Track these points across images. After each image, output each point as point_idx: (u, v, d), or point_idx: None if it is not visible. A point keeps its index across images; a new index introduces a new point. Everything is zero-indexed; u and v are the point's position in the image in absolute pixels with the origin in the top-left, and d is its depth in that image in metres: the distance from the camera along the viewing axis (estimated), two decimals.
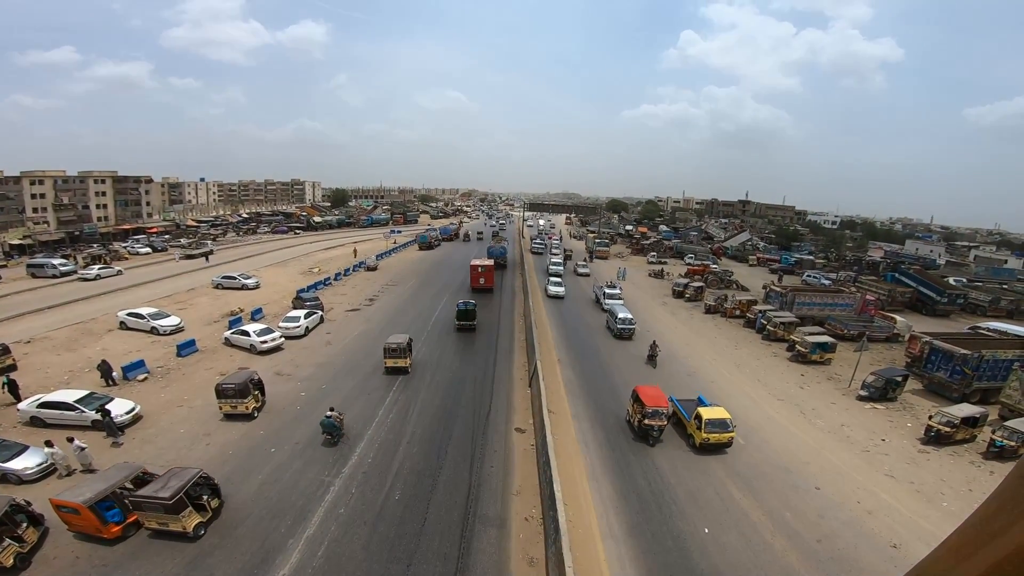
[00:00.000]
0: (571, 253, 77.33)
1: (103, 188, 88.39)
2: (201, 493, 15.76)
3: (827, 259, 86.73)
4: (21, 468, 17.80)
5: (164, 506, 14.58)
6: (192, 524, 15.05)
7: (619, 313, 37.82)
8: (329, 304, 41.92)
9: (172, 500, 14.55)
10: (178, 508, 14.70)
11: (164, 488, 14.90)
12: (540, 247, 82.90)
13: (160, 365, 28.63)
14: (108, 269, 54.82)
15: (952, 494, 19.61)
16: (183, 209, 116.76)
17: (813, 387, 30.22)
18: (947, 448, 23.30)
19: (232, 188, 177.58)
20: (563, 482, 16.69)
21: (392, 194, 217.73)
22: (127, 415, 21.81)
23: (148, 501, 14.70)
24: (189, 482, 15.27)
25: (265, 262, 63.98)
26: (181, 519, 14.81)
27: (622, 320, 37.14)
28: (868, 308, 44.41)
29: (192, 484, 15.38)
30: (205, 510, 15.59)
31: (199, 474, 15.90)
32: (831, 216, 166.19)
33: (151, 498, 14.65)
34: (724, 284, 58.52)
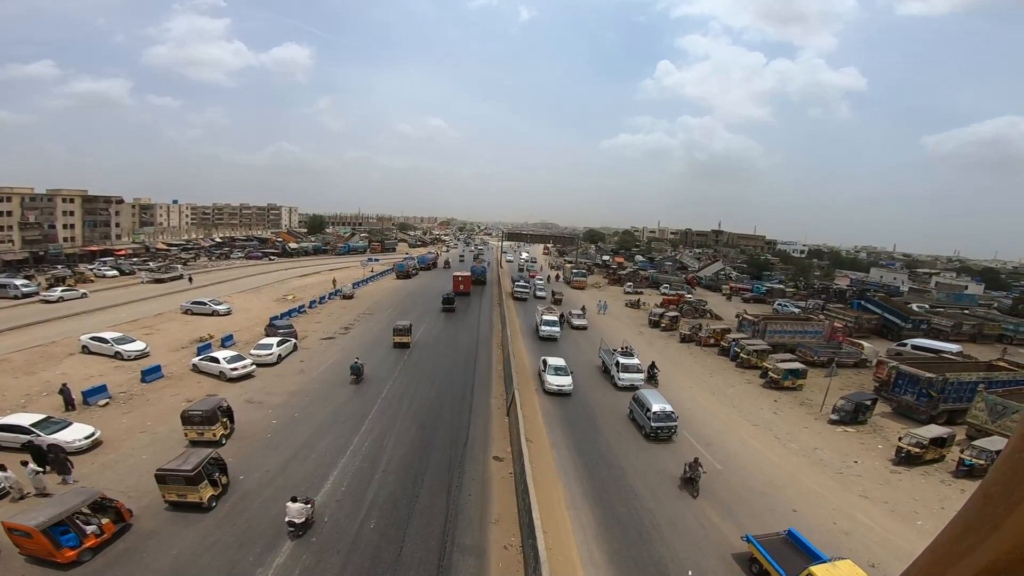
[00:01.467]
0: (561, 297, 64.30)
1: (71, 207, 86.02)
2: (213, 471, 17.83)
3: (796, 288, 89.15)
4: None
5: (186, 477, 16.57)
6: (207, 496, 17.17)
7: (652, 404, 25.02)
8: (303, 332, 41.12)
9: (193, 472, 16.60)
10: (197, 480, 16.77)
11: (185, 463, 16.94)
12: (523, 291, 65.36)
13: (123, 391, 27.59)
14: (72, 291, 53.10)
15: (925, 512, 20.01)
16: (153, 232, 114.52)
17: (786, 412, 30.69)
18: (918, 468, 23.91)
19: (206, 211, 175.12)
20: (542, 510, 16.46)
21: (370, 221, 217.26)
22: (86, 440, 20.97)
23: (171, 474, 16.69)
24: (205, 459, 17.43)
25: (238, 288, 62.75)
26: (199, 490, 16.89)
27: (657, 415, 24.51)
28: (837, 335, 45.62)
29: (207, 462, 17.44)
30: (217, 485, 17.80)
31: (212, 454, 18.17)
32: (799, 245, 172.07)
33: (175, 471, 16.66)
34: (699, 313, 59.47)
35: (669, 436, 24.77)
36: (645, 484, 20.66)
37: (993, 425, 26.38)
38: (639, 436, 25.32)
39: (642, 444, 24.56)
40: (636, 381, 31.79)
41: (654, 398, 25.87)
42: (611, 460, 22.58)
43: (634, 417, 26.86)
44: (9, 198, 76.38)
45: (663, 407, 24.99)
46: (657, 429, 24.47)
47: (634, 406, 27.11)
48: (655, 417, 24.55)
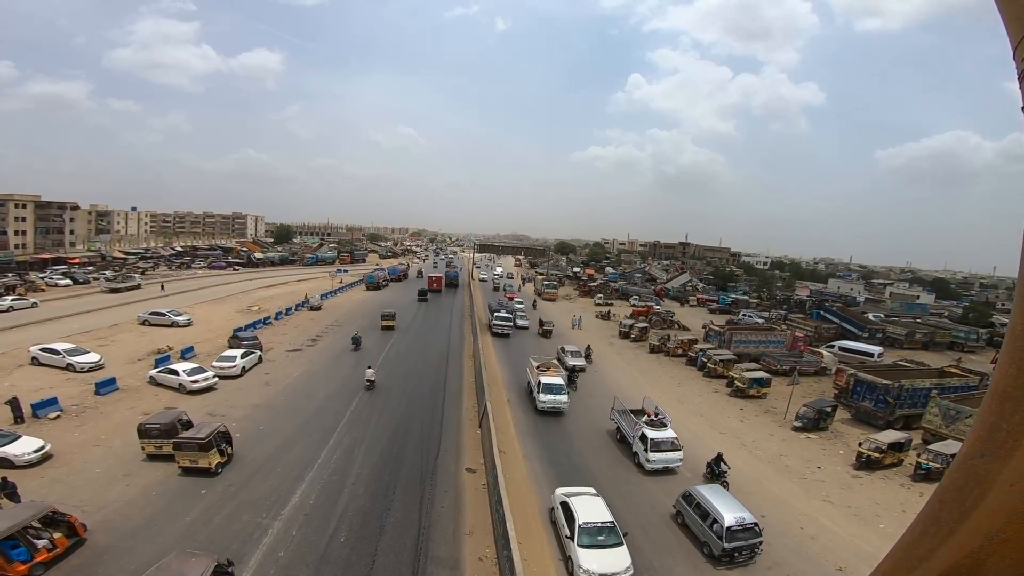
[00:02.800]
0: (551, 328, 51.45)
1: (23, 213, 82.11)
2: (221, 441, 20.41)
3: (760, 299, 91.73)
4: None
5: (199, 444, 19.23)
6: (215, 462, 19.75)
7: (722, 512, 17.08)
8: (269, 344, 39.99)
9: (206, 439, 19.42)
10: (207, 447, 19.41)
11: (199, 432, 19.88)
12: (505, 324, 49.62)
13: (76, 403, 26.32)
14: (22, 300, 50.54)
15: (887, 516, 20.67)
16: (110, 239, 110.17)
17: (752, 420, 31.43)
18: (878, 472, 24.78)
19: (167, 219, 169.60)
20: (516, 521, 16.33)
21: (340, 232, 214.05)
22: (35, 453, 19.99)
23: (186, 441, 19.45)
24: (216, 430, 20.26)
25: (200, 298, 60.69)
26: (208, 456, 19.38)
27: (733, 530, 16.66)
28: (798, 344, 47.08)
29: (217, 432, 20.17)
30: (223, 454, 20.43)
31: (221, 426, 21.15)
32: (763, 257, 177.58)
33: (189, 439, 19.46)
34: (667, 324, 60.44)
35: (751, 557, 16.93)
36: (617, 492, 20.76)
37: (947, 429, 27.51)
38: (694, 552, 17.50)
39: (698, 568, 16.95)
40: (672, 463, 22.84)
41: (722, 501, 17.69)
42: (584, 472, 22.63)
43: (685, 523, 18.54)
44: None
45: (740, 516, 16.99)
46: (734, 550, 16.47)
47: (686, 510, 18.53)
48: (730, 533, 16.48)
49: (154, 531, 16.08)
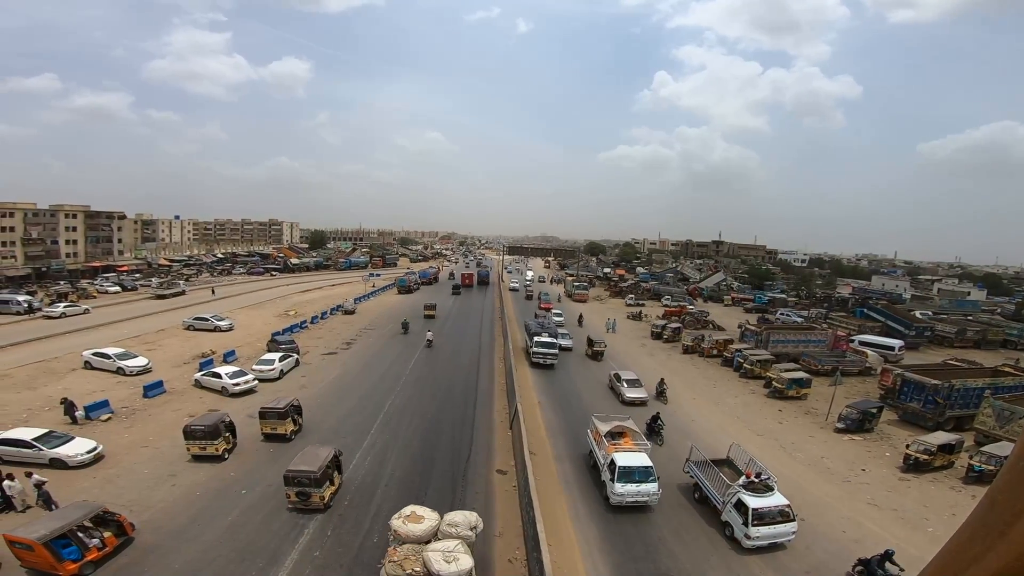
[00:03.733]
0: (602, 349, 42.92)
1: (74, 223, 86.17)
2: (294, 412, 24.49)
3: (799, 297, 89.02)
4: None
5: (278, 413, 23.54)
6: (289, 429, 23.93)
7: None
8: (305, 347, 41.01)
9: (284, 409, 23.71)
10: (284, 416, 23.63)
11: (278, 404, 24.02)
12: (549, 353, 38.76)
13: (125, 406, 27.54)
14: (75, 307, 53.39)
15: (936, 519, 19.82)
16: (156, 247, 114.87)
17: (791, 422, 30.52)
18: (927, 475, 23.76)
19: (208, 227, 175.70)
20: (546, 523, 16.25)
21: (372, 236, 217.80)
22: (88, 454, 20.93)
23: (269, 410, 23.71)
24: (290, 403, 24.32)
25: (240, 304, 62.82)
26: (285, 423, 23.68)
27: None
28: (840, 343, 45.48)
29: (291, 405, 24.24)
30: (296, 423, 24.61)
31: (295, 400, 25.14)
32: (800, 254, 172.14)
33: (271, 408, 23.75)
34: (701, 324, 59.22)
35: None
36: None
37: (1001, 430, 26.22)
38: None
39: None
40: (783, 538, 17.57)
41: None
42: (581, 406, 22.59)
43: None
44: (12, 213, 76.67)
45: None
46: None
47: None
48: None
49: (197, 531, 16.65)
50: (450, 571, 12.89)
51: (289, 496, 17.99)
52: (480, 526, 15.29)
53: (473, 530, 14.83)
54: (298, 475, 17.69)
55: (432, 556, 13.22)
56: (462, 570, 12.96)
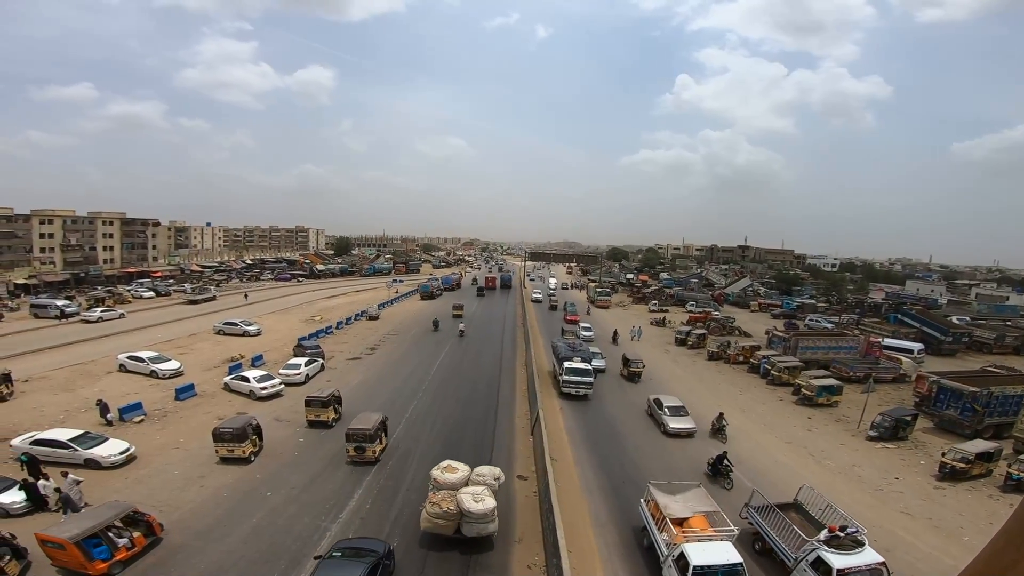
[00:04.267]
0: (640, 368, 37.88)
1: (110, 230, 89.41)
2: (335, 402, 27.35)
3: (829, 303, 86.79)
4: (9, 502, 17.64)
5: (322, 402, 26.42)
6: (330, 417, 26.61)
7: None
8: (330, 352, 41.63)
9: (327, 398, 26.66)
10: (327, 404, 26.71)
11: (322, 394, 26.95)
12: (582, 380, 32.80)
13: (158, 408, 28.32)
14: (111, 312, 55.18)
15: (972, 528, 19.19)
16: (188, 254, 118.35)
17: (821, 429, 29.80)
18: (964, 483, 23.05)
19: (237, 234, 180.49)
20: (566, 529, 16.09)
21: (395, 243, 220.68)
22: (121, 455, 21.55)
23: (314, 399, 26.51)
24: (332, 393, 27.30)
25: (268, 309, 64.14)
26: (327, 411, 26.49)
27: None
28: (873, 350, 44.20)
29: (333, 395, 27.24)
30: (337, 412, 27.32)
31: (336, 390, 28.07)
32: (830, 259, 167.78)
33: (316, 396, 26.60)
34: (726, 331, 58.29)
35: None
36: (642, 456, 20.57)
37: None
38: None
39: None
40: None
41: None
42: (637, 478, 22.08)
43: None
44: (51, 220, 79.95)
45: None
46: None
47: None
48: None
49: (223, 532, 16.98)
50: (478, 508, 15.99)
51: (348, 451, 22.14)
52: (502, 477, 18.45)
53: (496, 480, 17.99)
54: (356, 432, 21.98)
55: (464, 497, 16.37)
56: (487, 508, 16.15)
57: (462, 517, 16.13)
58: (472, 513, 15.93)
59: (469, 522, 16.13)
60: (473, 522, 16.11)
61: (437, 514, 16.18)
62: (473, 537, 16.31)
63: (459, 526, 16.30)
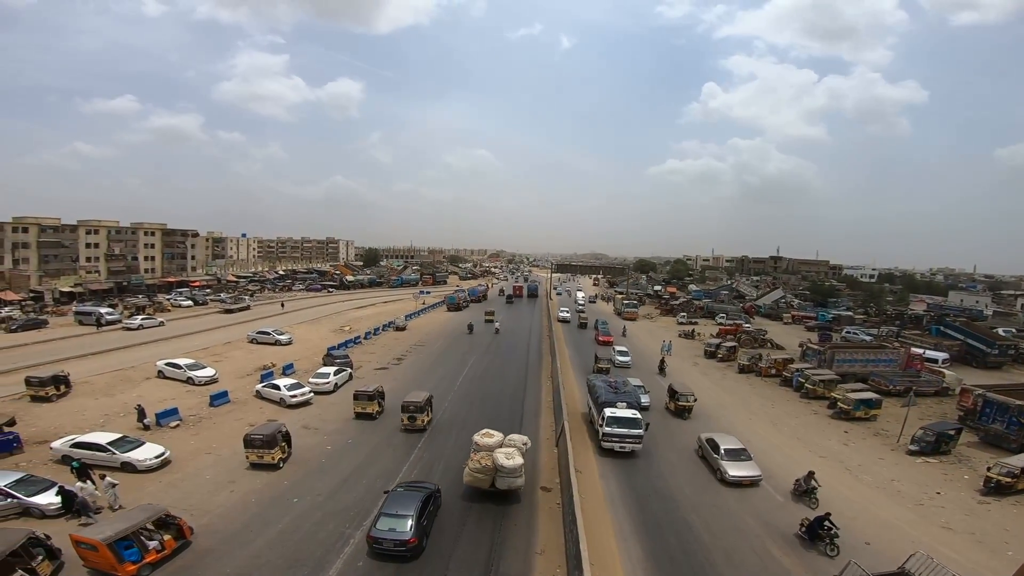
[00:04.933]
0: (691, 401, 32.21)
1: (152, 240, 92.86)
2: (379, 397, 29.93)
3: (867, 314, 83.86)
4: (45, 503, 18.23)
5: (368, 395, 29.26)
6: (374, 410, 29.34)
7: None
8: (358, 362, 42.19)
9: (372, 392, 29.43)
10: (373, 398, 29.36)
11: (368, 387, 30.04)
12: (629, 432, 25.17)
13: (193, 414, 29.15)
14: (151, 320, 57.22)
15: (1017, 543, 18.39)
16: (224, 264, 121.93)
17: (858, 443, 28.84)
18: (1010, 498, 22.09)
19: (271, 245, 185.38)
20: (590, 542, 15.83)
21: (422, 254, 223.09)
22: (156, 459, 22.19)
23: (361, 392, 29.45)
24: (376, 389, 30.03)
25: (299, 319, 65.51)
26: (372, 404, 29.27)
27: None
28: (914, 363, 42.54)
29: (377, 390, 29.95)
30: (380, 406, 29.89)
31: (379, 387, 30.71)
32: (868, 269, 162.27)
33: (363, 391, 29.54)
34: (758, 343, 56.98)
35: None
36: (699, 516, 19.66)
37: None
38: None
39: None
40: None
41: None
42: (664, 492, 21.62)
43: None
44: (97, 231, 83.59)
45: None
46: None
47: None
48: None
49: (250, 536, 17.26)
50: (509, 464, 19.66)
51: (403, 420, 27.59)
52: (529, 443, 22.18)
53: (524, 445, 21.60)
54: (410, 404, 27.62)
55: (498, 455, 20.02)
56: (516, 464, 19.80)
57: (496, 472, 19.79)
58: (504, 468, 19.60)
59: (502, 476, 19.79)
60: (505, 476, 19.78)
61: (477, 469, 20.05)
62: (504, 490, 19.90)
63: (494, 480, 19.90)
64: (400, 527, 16.21)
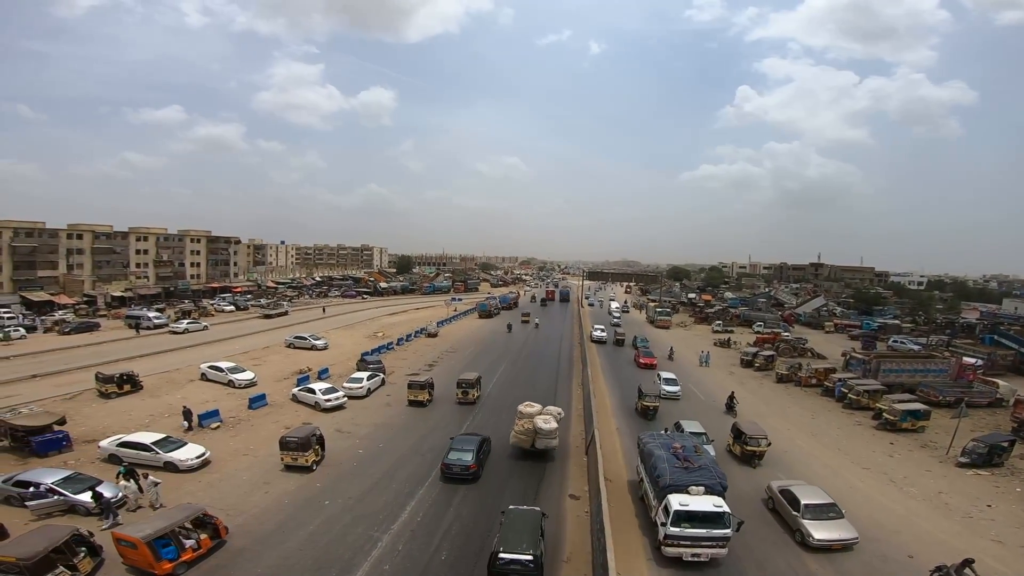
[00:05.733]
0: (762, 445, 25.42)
1: (198, 247, 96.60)
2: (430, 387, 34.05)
3: (915, 323, 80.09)
4: (89, 501, 18.90)
5: (420, 385, 33.26)
6: (425, 398, 33.21)
7: None
8: (391, 368, 42.67)
9: (425, 382, 33.65)
10: (423, 388, 33.28)
11: (420, 378, 34.96)
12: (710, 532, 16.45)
13: (232, 415, 30.07)
14: (196, 324, 59.68)
15: None
16: (264, 270, 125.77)
17: (904, 455, 27.76)
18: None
19: (308, 251, 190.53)
20: (617, 551, 15.56)
21: (453, 261, 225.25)
22: (197, 459, 22.95)
23: (414, 382, 33.64)
24: (428, 380, 34.33)
25: (334, 324, 66.97)
26: (423, 392, 33.19)
27: None
28: (966, 373, 40.47)
29: (428, 380, 34.11)
30: (431, 395, 33.88)
31: (431, 379, 34.80)
32: (916, 276, 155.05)
33: (415, 380, 33.84)
34: (798, 352, 55.19)
35: None
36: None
37: None
38: None
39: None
40: None
41: None
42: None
43: None
44: (146, 237, 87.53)
45: None
46: None
47: None
48: None
49: (282, 538, 17.64)
50: (547, 427, 24.35)
51: (457, 394, 33.82)
52: (563, 414, 27.04)
53: (559, 415, 26.14)
54: (463, 381, 34.17)
55: (537, 421, 24.64)
56: (552, 427, 24.54)
57: (536, 434, 24.47)
58: (543, 430, 24.31)
59: (540, 437, 24.50)
60: (543, 437, 24.49)
61: (520, 431, 24.77)
62: (542, 449, 24.79)
63: (534, 441, 24.64)
64: (465, 457, 22.31)
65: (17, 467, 22.05)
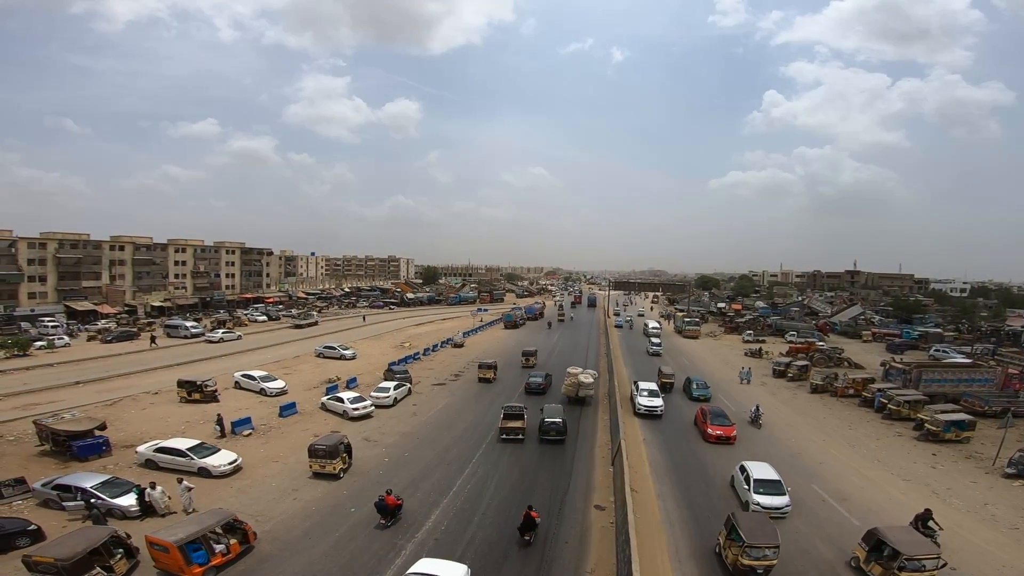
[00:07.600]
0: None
1: (232, 258, 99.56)
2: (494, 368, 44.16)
3: (958, 331, 76.77)
4: (127, 505, 19.57)
5: (488, 365, 43.88)
6: (491, 376, 43.17)
7: None
8: (417, 377, 43.00)
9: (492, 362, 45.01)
10: (491, 367, 43.59)
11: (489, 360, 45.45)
12: None
13: (263, 423, 30.74)
14: (230, 333, 61.31)
15: None
16: (295, 281, 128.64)
17: (948, 466, 26.71)
18: None
19: (337, 263, 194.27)
20: (643, 563, 15.29)
21: (479, 272, 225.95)
22: (229, 465, 23.52)
23: (484, 363, 43.96)
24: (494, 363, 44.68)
25: (362, 335, 67.91)
26: (490, 371, 43.38)
27: None
28: (1012, 382, 38.69)
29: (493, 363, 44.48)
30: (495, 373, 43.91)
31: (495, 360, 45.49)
32: (959, 283, 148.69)
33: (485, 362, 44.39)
34: (833, 362, 53.49)
35: None
36: None
37: None
38: None
39: None
40: None
41: None
42: (723, 511, 20.49)
43: None
44: (184, 249, 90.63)
45: None
46: None
47: None
48: None
49: (308, 544, 17.88)
50: (587, 380, 36.14)
51: (523, 361, 48.72)
52: (598, 375, 39.51)
53: (594, 375, 37.73)
54: (526, 351, 50.14)
55: (580, 377, 36.24)
56: (591, 381, 36.26)
57: (579, 387, 36.04)
58: (584, 383, 36.01)
59: (583, 389, 36.09)
60: (584, 389, 36.12)
61: (569, 384, 36.57)
62: (583, 397, 36.48)
63: (577, 392, 36.11)
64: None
65: (58, 470, 22.99)
